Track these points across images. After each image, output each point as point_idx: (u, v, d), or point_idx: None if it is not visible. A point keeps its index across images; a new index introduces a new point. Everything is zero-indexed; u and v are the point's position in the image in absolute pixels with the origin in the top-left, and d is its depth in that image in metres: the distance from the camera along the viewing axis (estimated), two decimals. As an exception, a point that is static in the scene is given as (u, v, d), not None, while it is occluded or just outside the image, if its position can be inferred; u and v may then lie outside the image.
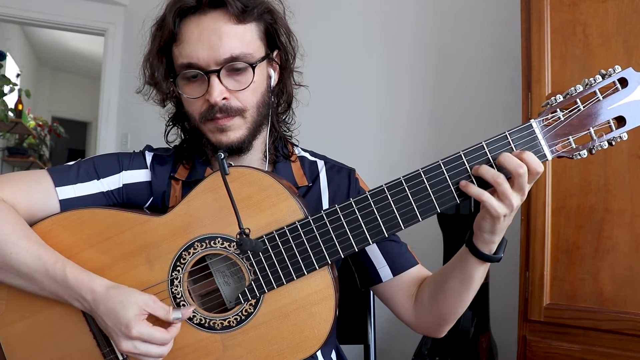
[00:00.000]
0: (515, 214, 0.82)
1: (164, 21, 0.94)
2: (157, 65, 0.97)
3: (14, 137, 5.01)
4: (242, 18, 0.92)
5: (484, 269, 0.89)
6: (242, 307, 0.87)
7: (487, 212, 0.79)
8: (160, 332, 0.83)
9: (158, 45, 0.96)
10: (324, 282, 0.86)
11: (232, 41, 0.91)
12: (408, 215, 0.82)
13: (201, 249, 0.88)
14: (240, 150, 0.97)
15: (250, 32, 0.94)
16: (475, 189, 0.79)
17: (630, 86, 0.78)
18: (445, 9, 2.22)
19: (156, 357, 0.84)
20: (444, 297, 0.93)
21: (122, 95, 3.28)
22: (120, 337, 0.82)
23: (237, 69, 0.93)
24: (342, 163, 1.10)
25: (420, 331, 1.02)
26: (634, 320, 1.25)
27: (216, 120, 0.94)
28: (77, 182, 0.96)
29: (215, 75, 0.91)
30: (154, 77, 0.98)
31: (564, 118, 0.79)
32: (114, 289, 0.85)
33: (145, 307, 0.83)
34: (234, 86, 0.93)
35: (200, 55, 0.91)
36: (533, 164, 0.77)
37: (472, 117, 2.09)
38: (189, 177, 1.02)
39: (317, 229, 0.84)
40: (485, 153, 0.80)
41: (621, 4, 1.33)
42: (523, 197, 0.79)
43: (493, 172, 0.78)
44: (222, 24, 0.91)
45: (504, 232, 0.84)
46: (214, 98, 0.91)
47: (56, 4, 3.26)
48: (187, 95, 0.95)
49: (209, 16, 0.92)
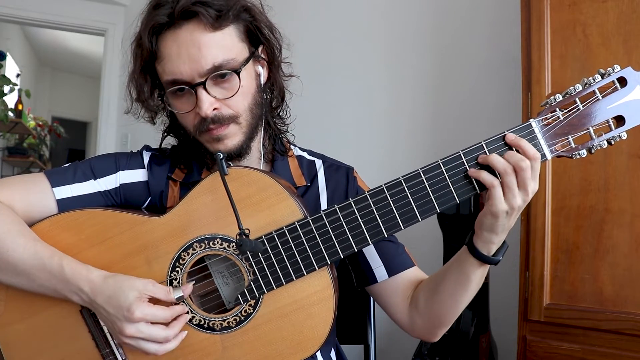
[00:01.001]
0: (516, 217, 0.81)
1: (141, 40, 0.92)
2: (142, 83, 0.95)
3: (14, 137, 5.00)
4: (217, 24, 0.89)
5: (482, 272, 0.89)
6: (241, 307, 0.87)
7: (489, 205, 0.79)
8: (163, 309, 0.83)
9: (140, 64, 0.94)
10: (323, 283, 0.86)
11: (212, 50, 0.88)
12: (407, 216, 0.82)
13: (200, 249, 0.88)
14: (240, 155, 0.97)
15: (230, 36, 0.91)
16: (487, 175, 0.78)
17: (629, 85, 0.78)
18: (446, 9, 2.22)
19: (161, 340, 0.83)
20: (439, 298, 0.92)
21: (122, 95, 3.25)
22: (123, 322, 0.81)
23: (223, 76, 0.90)
24: (340, 162, 1.09)
25: (415, 334, 1.01)
26: (634, 320, 1.25)
27: (210, 131, 0.92)
28: (74, 182, 0.96)
29: (201, 88, 0.89)
30: (140, 96, 0.96)
31: (563, 117, 0.79)
32: (111, 278, 0.84)
33: (145, 290, 0.83)
34: (223, 94, 0.91)
35: (182, 70, 0.89)
36: (529, 151, 0.77)
37: (473, 117, 2.09)
38: (187, 178, 1.02)
39: (317, 230, 0.84)
40: (484, 153, 0.80)
41: (621, 4, 1.33)
42: (526, 198, 0.79)
43: (504, 162, 0.78)
44: (199, 35, 0.88)
45: (505, 234, 0.84)
46: (204, 111, 0.89)
47: (56, 4, 3.26)
48: (178, 110, 0.94)
49: (184, 29, 0.89)
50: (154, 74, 0.95)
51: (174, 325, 0.84)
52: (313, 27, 2.50)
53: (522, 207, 0.80)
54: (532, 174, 0.78)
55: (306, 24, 2.47)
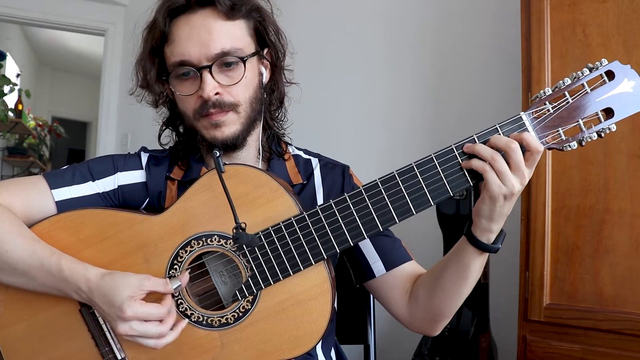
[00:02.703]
0: (513, 203, 0.81)
1: (155, 22, 0.96)
2: (150, 66, 0.98)
3: (14, 137, 5.00)
4: (231, 15, 0.94)
5: (481, 261, 0.89)
6: (239, 304, 0.87)
7: (486, 191, 0.80)
8: (155, 307, 0.83)
9: (150, 46, 0.98)
10: (320, 278, 0.86)
11: (222, 37, 0.93)
12: (402, 209, 0.83)
13: (198, 247, 0.88)
14: (235, 146, 0.97)
15: (240, 29, 0.96)
16: (478, 162, 0.79)
17: (617, 78, 0.80)
18: (446, 9, 2.22)
19: (155, 336, 0.83)
20: (440, 290, 0.93)
21: (122, 95, 3.28)
22: (116, 321, 0.81)
23: (229, 64, 0.94)
24: (336, 160, 1.10)
25: (415, 329, 1.01)
26: (634, 320, 1.25)
27: (210, 115, 0.94)
28: (73, 184, 0.97)
29: (207, 71, 0.92)
30: (146, 79, 0.99)
31: (553, 110, 0.80)
32: (108, 276, 0.84)
33: (140, 287, 0.82)
34: (226, 81, 0.94)
35: (191, 52, 0.92)
36: (532, 143, 0.78)
37: (472, 117, 2.09)
38: (185, 176, 1.02)
39: (313, 224, 0.84)
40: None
41: (621, 4, 1.33)
42: (523, 181, 0.79)
43: (489, 149, 0.78)
44: (212, 21, 0.93)
45: (502, 222, 0.84)
46: (207, 93, 0.92)
47: (56, 4, 3.26)
48: (180, 92, 0.96)
49: (199, 14, 0.94)
50: (161, 59, 0.98)
51: (167, 320, 0.84)
52: (314, 27, 2.50)
53: (519, 191, 0.80)
54: (530, 162, 0.79)
55: (307, 23, 2.47)
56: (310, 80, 1.53)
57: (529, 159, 0.78)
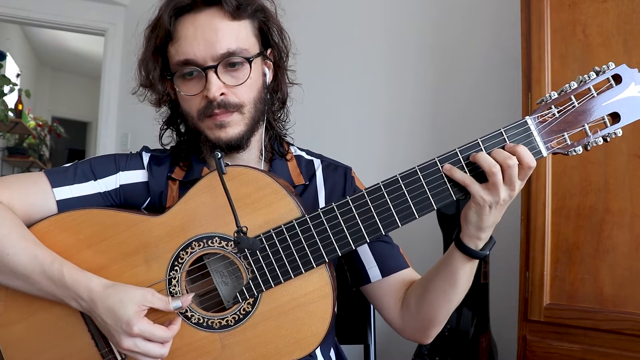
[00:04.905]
0: (502, 212, 0.81)
1: (159, 21, 0.95)
2: (153, 66, 0.98)
3: (14, 137, 5.00)
4: (236, 15, 0.93)
5: (470, 268, 0.88)
6: (240, 306, 0.87)
7: (472, 200, 0.80)
8: (161, 330, 0.83)
9: (154, 45, 0.97)
10: (322, 281, 0.86)
11: (228, 37, 0.92)
12: (405, 213, 0.82)
13: (199, 248, 0.88)
14: (239, 146, 0.97)
15: (245, 29, 0.96)
16: (459, 173, 0.79)
17: (624, 82, 0.78)
18: (446, 10, 2.22)
19: (156, 356, 0.83)
20: (429, 297, 0.92)
21: (122, 95, 3.28)
22: (121, 335, 0.81)
23: (234, 65, 0.93)
24: (338, 161, 1.10)
25: (407, 336, 1.00)
26: (634, 320, 1.25)
27: (215, 116, 0.94)
28: (74, 183, 0.96)
29: (212, 71, 0.92)
30: (149, 78, 0.98)
31: (559, 114, 0.79)
32: (111, 288, 0.84)
33: (143, 301, 0.82)
34: (231, 82, 0.94)
35: (197, 52, 0.92)
36: (525, 157, 0.77)
37: (473, 117, 2.09)
38: (186, 177, 1.02)
39: (314, 227, 0.84)
40: (480, 150, 0.80)
41: (621, 4, 1.33)
42: (512, 194, 0.79)
43: (490, 160, 0.77)
44: (218, 21, 0.92)
45: (491, 230, 0.84)
46: (212, 93, 0.92)
47: (56, 4, 3.26)
48: (185, 92, 0.96)
49: (204, 13, 0.93)
50: (165, 58, 0.98)
51: (167, 344, 0.84)
52: (314, 26, 2.50)
53: (507, 201, 0.80)
54: (522, 175, 0.78)
55: (307, 23, 2.46)
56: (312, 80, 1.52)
57: (521, 172, 0.78)
